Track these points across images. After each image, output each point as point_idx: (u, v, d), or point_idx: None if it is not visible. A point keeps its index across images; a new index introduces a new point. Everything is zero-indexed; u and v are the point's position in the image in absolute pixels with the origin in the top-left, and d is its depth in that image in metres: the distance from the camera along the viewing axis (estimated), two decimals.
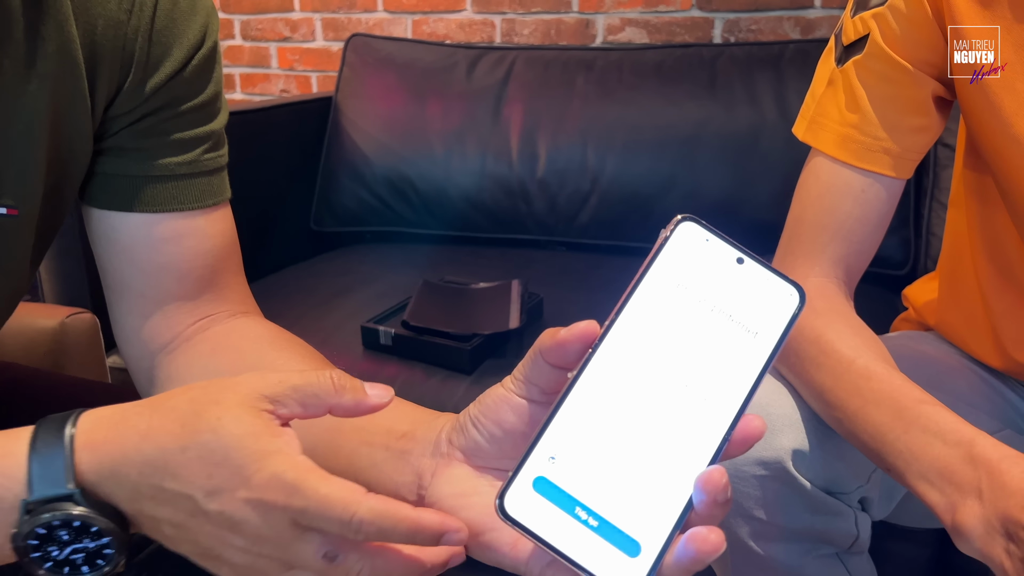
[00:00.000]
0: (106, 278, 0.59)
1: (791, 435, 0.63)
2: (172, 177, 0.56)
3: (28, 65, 0.48)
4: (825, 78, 0.70)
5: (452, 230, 1.50)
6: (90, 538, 0.37)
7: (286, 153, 1.55)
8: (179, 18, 0.55)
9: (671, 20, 1.67)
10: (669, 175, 1.35)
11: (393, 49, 1.60)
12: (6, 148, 0.48)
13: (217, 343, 0.57)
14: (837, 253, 0.68)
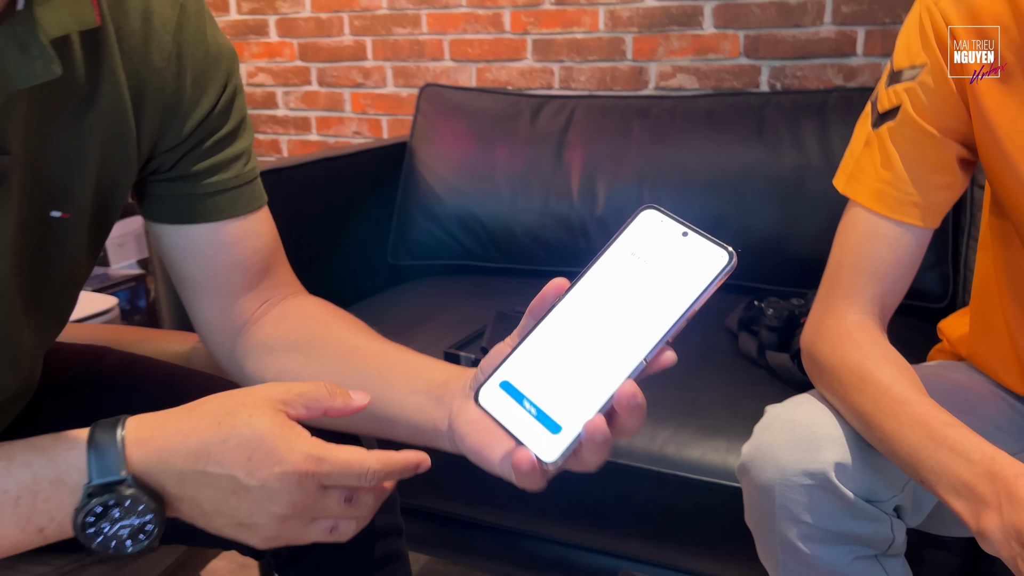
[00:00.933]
0: (184, 283, 0.71)
1: (834, 451, 0.73)
2: (226, 190, 0.68)
3: (87, 103, 0.58)
4: (863, 139, 0.81)
5: (516, 263, 1.62)
6: (137, 516, 0.49)
7: (366, 193, 1.69)
8: (209, 66, 0.65)
9: (720, 67, 1.79)
10: (719, 214, 1.46)
11: (462, 98, 1.74)
12: (63, 167, 0.59)
13: (284, 326, 0.70)
14: (873, 292, 0.79)
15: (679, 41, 1.80)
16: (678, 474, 1.01)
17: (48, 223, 0.60)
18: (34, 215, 0.59)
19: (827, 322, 0.79)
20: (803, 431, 0.75)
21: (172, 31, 0.62)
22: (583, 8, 1.87)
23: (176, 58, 0.63)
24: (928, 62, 0.75)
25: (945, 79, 0.74)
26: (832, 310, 0.80)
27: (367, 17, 2.10)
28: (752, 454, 0.77)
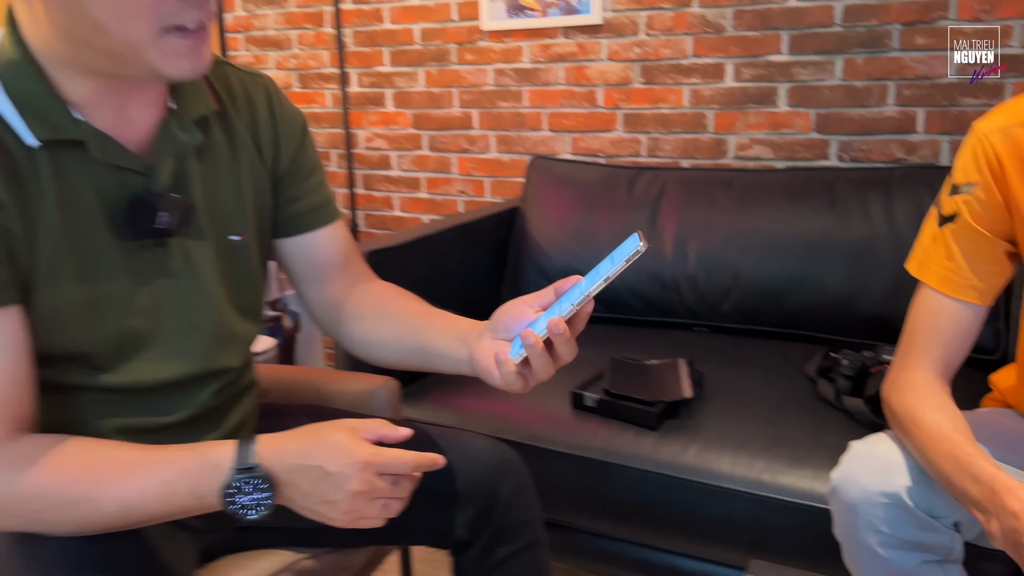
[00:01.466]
0: (296, 279, 1.01)
1: (905, 477, 0.96)
2: (322, 205, 1.00)
3: (232, 157, 0.90)
4: (930, 235, 1.04)
5: (617, 314, 1.87)
6: (259, 492, 0.75)
7: (484, 250, 1.96)
8: (290, 121, 0.96)
9: (793, 140, 2.02)
10: (798, 275, 1.69)
11: (566, 169, 2.01)
12: (230, 203, 0.90)
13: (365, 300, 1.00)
14: (938, 355, 1.01)
15: (756, 117, 2.05)
16: (773, 496, 1.24)
17: (231, 244, 0.91)
18: (221, 239, 0.90)
19: (900, 377, 1.02)
20: (881, 462, 0.98)
21: (266, 104, 0.94)
22: (669, 87, 2.13)
23: (271, 118, 0.94)
24: (980, 181, 0.98)
25: (994, 195, 0.97)
26: (904, 368, 1.03)
27: (475, 92, 2.39)
28: (841, 479, 1.00)
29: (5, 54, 0.74)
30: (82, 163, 0.77)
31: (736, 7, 2.01)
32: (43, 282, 0.76)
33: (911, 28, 1.86)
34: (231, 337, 0.92)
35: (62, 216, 0.76)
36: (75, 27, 0.70)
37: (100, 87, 0.76)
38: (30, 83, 0.73)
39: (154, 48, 0.70)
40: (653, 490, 1.31)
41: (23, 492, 0.71)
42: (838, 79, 1.95)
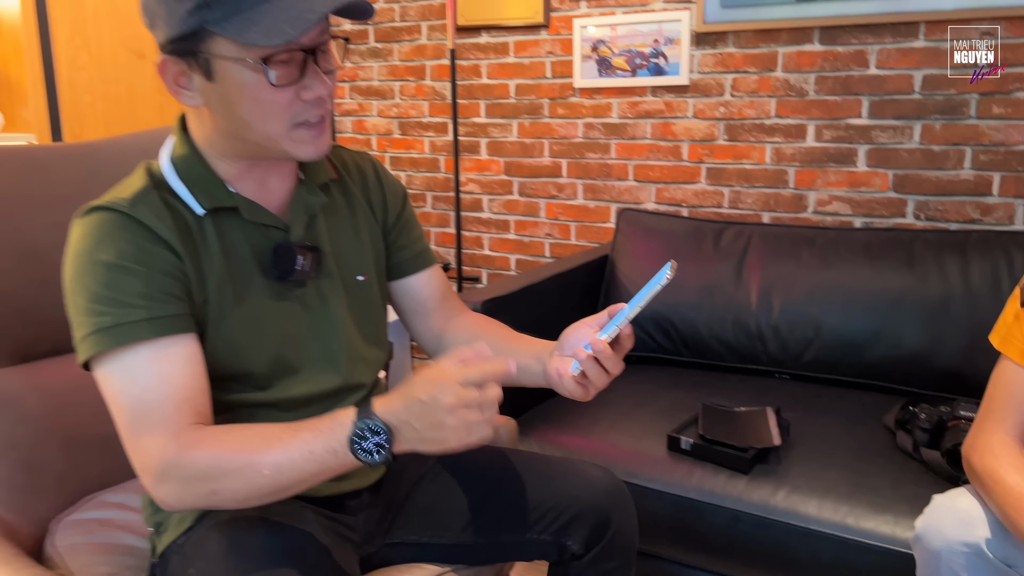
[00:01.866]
0: (405, 315, 1.21)
1: (983, 528, 1.08)
2: (423, 252, 1.21)
3: (351, 214, 1.12)
4: (1013, 312, 1.16)
5: (702, 359, 2.01)
6: (379, 436, 0.86)
7: (577, 295, 2.12)
8: (393, 186, 1.18)
9: (871, 198, 2.14)
10: (876, 329, 1.81)
11: (654, 221, 2.16)
12: (353, 250, 1.11)
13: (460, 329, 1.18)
14: (1015, 422, 1.13)
15: (835, 175, 2.18)
16: (857, 539, 1.36)
17: (357, 283, 1.12)
18: (349, 279, 1.10)
19: (980, 438, 1.15)
20: (962, 514, 1.10)
21: (373, 174, 1.17)
22: (752, 145, 2.27)
23: (379, 184, 1.16)
24: None
25: None
26: (983, 430, 1.15)
27: (564, 143, 2.56)
28: (925, 528, 1.12)
29: (178, 150, 0.99)
30: (237, 224, 1.00)
31: (818, 73, 2.15)
32: (214, 317, 0.97)
33: (988, 98, 1.97)
34: (361, 359, 1.11)
35: (224, 265, 0.98)
36: (230, 125, 0.93)
37: (246, 167, 0.99)
38: (196, 168, 0.97)
39: (287, 139, 0.93)
40: (745, 529, 1.45)
41: (201, 465, 0.87)
42: (916, 143, 2.07)
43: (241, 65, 0.87)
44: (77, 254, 0.91)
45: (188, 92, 0.92)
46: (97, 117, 2.25)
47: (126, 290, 0.89)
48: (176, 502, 0.90)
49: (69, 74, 2.17)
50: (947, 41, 1.99)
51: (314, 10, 0.85)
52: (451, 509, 1.16)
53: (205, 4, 0.85)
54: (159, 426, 0.88)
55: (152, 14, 0.90)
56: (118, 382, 0.89)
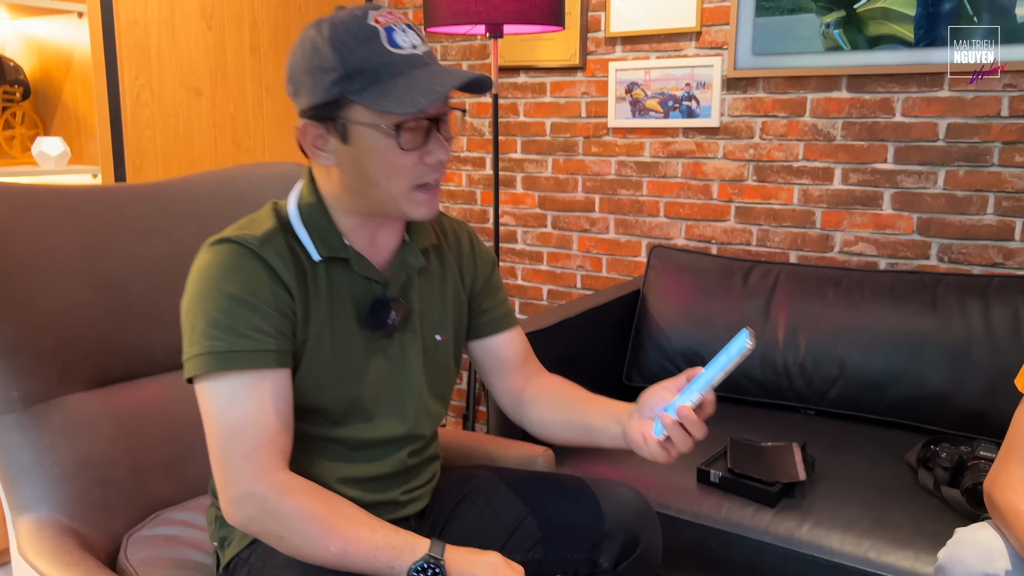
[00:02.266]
0: (486, 372, 1.28)
1: (1004, 561, 1.13)
2: (507, 315, 1.28)
3: (442, 277, 1.20)
4: None
5: (728, 393, 2.08)
6: None
7: (610, 328, 2.20)
8: (485, 254, 1.27)
9: (895, 240, 2.21)
10: (900, 369, 1.87)
11: (685, 259, 2.25)
12: (437, 310, 1.19)
13: (540, 390, 1.25)
14: None
15: (861, 217, 2.25)
16: (878, 573, 1.43)
17: (435, 342, 1.20)
18: (429, 338, 1.19)
19: (1002, 475, 1.20)
20: (983, 547, 1.16)
21: (468, 243, 1.25)
22: (780, 186, 2.35)
23: (472, 254, 1.25)
24: None
25: None
26: (1005, 468, 1.21)
27: (598, 180, 2.66)
28: (947, 559, 1.18)
29: (305, 198, 1.09)
30: (345, 273, 1.09)
31: (845, 119, 2.23)
32: (308, 356, 1.06)
33: (1011, 147, 2.04)
34: (426, 412, 1.20)
35: (328, 310, 1.07)
36: (357, 183, 1.03)
37: (361, 222, 1.08)
38: (319, 218, 1.07)
39: (405, 198, 1.03)
40: (770, 560, 1.51)
41: (283, 511, 0.98)
42: (940, 188, 2.14)
43: (375, 130, 0.98)
44: (204, 279, 1.01)
45: (323, 153, 1.02)
46: (157, 151, 2.39)
47: (242, 321, 0.99)
48: (241, 525, 1.00)
49: (133, 110, 2.31)
50: (971, 92, 2.06)
51: (444, 83, 0.96)
52: (491, 530, 1.24)
53: (347, 76, 0.96)
54: (253, 453, 0.98)
55: (297, 84, 1.00)
56: (219, 402, 0.99)
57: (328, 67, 0.96)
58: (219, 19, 2.52)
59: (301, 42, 1.01)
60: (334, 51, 0.96)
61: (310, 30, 1.00)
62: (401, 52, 0.98)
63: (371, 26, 0.97)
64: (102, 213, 1.44)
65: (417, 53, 0.99)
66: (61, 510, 1.27)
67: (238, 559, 1.13)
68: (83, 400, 1.35)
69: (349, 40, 0.96)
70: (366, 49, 0.96)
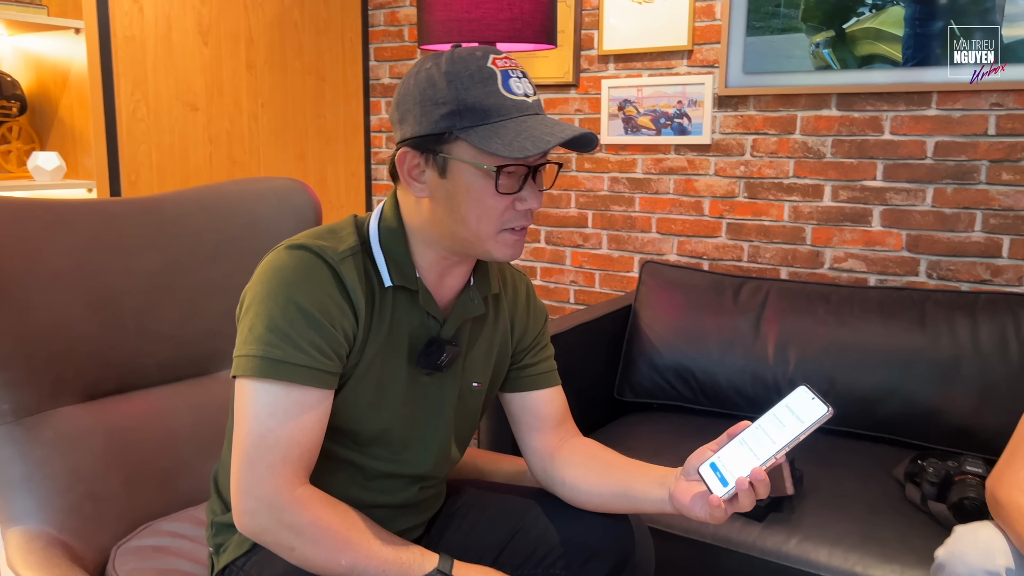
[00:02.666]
0: (519, 427, 1.26)
1: (1005, 558, 1.13)
2: (550, 372, 1.26)
3: (493, 326, 1.19)
4: None
5: (720, 408, 2.09)
6: None
7: (602, 343, 2.22)
8: (537, 310, 1.26)
9: (885, 257, 2.23)
10: (890, 385, 1.89)
11: (676, 275, 2.26)
12: (481, 357, 1.18)
13: (575, 452, 1.22)
14: None
15: (851, 234, 2.27)
16: None
17: (471, 389, 1.19)
18: (466, 384, 1.18)
19: (1007, 474, 1.21)
20: (984, 544, 1.16)
21: (525, 296, 1.24)
22: (771, 202, 2.37)
23: (527, 308, 1.24)
24: None
25: None
26: (1010, 466, 1.21)
27: (591, 196, 2.68)
28: (947, 556, 1.18)
29: (388, 221, 1.08)
30: (409, 304, 1.09)
31: (835, 137, 2.26)
32: (355, 378, 1.06)
33: (998, 165, 2.06)
34: (447, 458, 1.21)
35: (386, 338, 1.07)
36: (447, 218, 1.02)
37: (436, 258, 1.08)
38: (398, 245, 1.07)
39: (492, 239, 1.02)
40: (758, 574, 1.52)
41: (299, 525, 0.98)
42: (928, 205, 2.16)
43: (475, 169, 0.98)
44: (276, 282, 1.00)
45: (417, 184, 1.02)
46: (152, 165, 2.40)
47: (304, 335, 0.98)
48: (253, 533, 1.01)
49: (129, 125, 2.33)
50: (958, 110, 2.09)
51: (553, 135, 0.96)
52: (482, 546, 1.25)
53: (458, 112, 0.96)
54: (280, 467, 0.99)
55: (405, 112, 1.01)
56: (259, 409, 0.99)
57: (441, 100, 0.97)
58: (215, 36, 2.54)
59: (416, 72, 1.01)
60: (449, 85, 0.97)
61: (427, 62, 1.01)
62: (514, 98, 0.98)
63: (489, 68, 0.98)
64: (96, 228, 1.45)
65: (528, 101, 0.99)
66: (51, 523, 1.28)
67: (233, 566, 1.13)
68: (75, 413, 1.36)
69: (466, 78, 0.97)
70: (481, 89, 0.97)
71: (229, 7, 2.57)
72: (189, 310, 1.54)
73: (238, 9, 2.60)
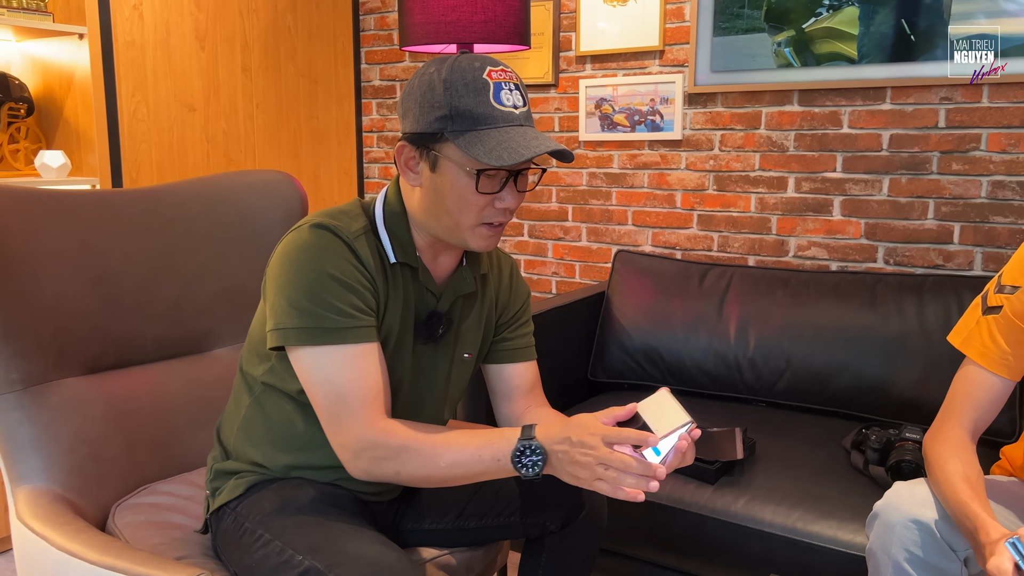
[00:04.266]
0: (495, 396, 1.37)
1: (934, 511, 1.20)
2: (527, 347, 1.38)
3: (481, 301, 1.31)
4: (975, 319, 1.29)
5: (686, 387, 2.21)
6: (535, 456, 1.08)
7: (576, 328, 2.34)
8: (520, 287, 1.38)
9: (845, 244, 2.35)
10: (842, 362, 2.00)
11: (647, 262, 2.38)
12: (470, 329, 1.30)
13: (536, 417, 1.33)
14: (971, 418, 1.27)
15: (813, 223, 2.39)
16: (805, 540, 1.55)
17: (462, 359, 1.32)
18: (458, 355, 1.31)
19: (941, 431, 1.28)
20: (919, 498, 1.23)
21: (509, 275, 1.37)
22: (738, 194, 2.49)
23: (510, 286, 1.37)
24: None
25: None
26: (945, 422, 1.29)
27: (570, 191, 2.80)
28: (884, 506, 1.26)
29: (392, 205, 1.20)
30: (411, 280, 1.22)
31: (797, 131, 2.38)
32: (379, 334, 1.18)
33: (948, 156, 2.18)
34: (437, 418, 1.33)
35: (400, 310, 1.21)
36: (433, 207, 1.14)
37: (430, 240, 1.20)
38: (401, 225, 1.19)
39: (469, 231, 1.14)
40: (708, 532, 1.64)
41: (393, 450, 1.11)
42: (884, 195, 2.28)
43: (459, 169, 1.10)
44: (305, 258, 1.11)
45: (412, 173, 1.14)
46: (152, 163, 2.54)
47: (345, 300, 1.11)
48: (365, 472, 1.13)
49: (130, 125, 2.46)
50: (911, 104, 2.21)
51: (529, 148, 1.07)
52: (449, 499, 1.37)
53: (450, 117, 1.08)
54: (360, 411, 1.11)
55: (407, 109, 1.13)
56: (326, 371, 1.12)
57: (437, 104, 1.08)
58: (212, 40, 2.68)
59: (421, 74, 1.12)
60: (446, 92, 1.08)
61: (431, 66, 1.12)
62: (502, 108, 1.09)
63: (484, 79, 1.09)
64: (97, 214, 1.58)
65: (515, 112, 1.10)
66: (57, 482, 1.40)
67: (226, 507, 1.26)
68: (78, 384, 1.49)
69: (461, 86, 1.08)
70: (473, 98, 1.08)
71: (225, 13, 2.71)
72: (183, 291, 1.67)
73: (233, 15, 2.73)
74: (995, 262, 2.15)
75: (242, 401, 1.30)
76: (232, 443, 1.31)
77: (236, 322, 1.75)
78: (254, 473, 1.27)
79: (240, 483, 1.26)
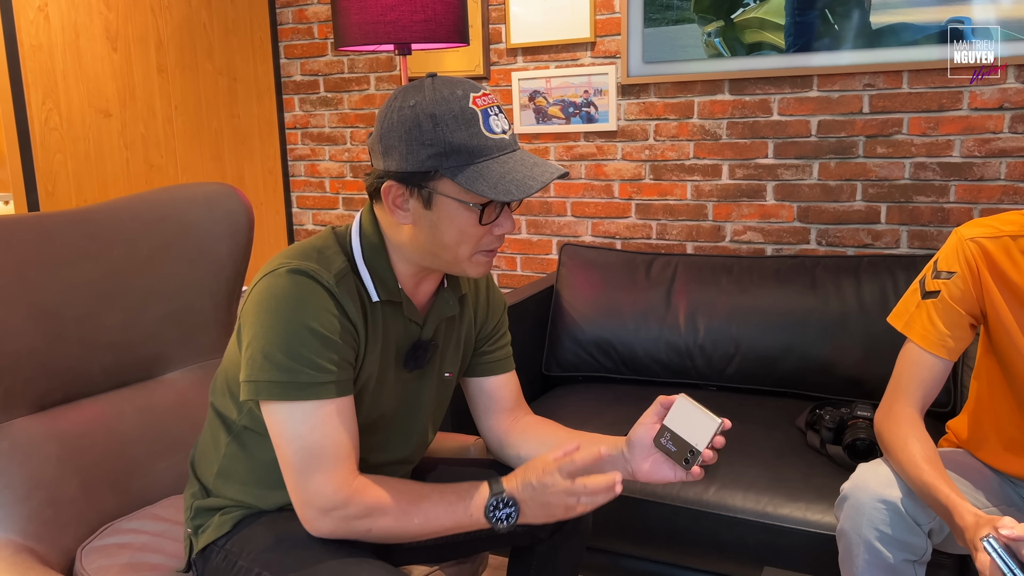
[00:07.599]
0: (477, 409, 1.37)
1: (899, 490, 1.26)
2: (506, 358, 1.38)
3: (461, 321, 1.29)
4: (914, 303, 1.36)
5: (639, 376, 2.25)
6: (509, 508, 1.10)
7: (528, 323, 2.35)
8: (496, 301, 1.36)
9: (779, 228, 2.44)
10: (787, 344, 2.08)
11: (593, 255, 2.41)
12: (451, 350, 1.29)
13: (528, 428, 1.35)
14: (918, 396, 1.33)
15: (748, 208, 2.46)
16: (775, 524, 1.62)
17: (444, 379, 1.31)
18: (440, 375, 1.29)
19: (893, 411, 1.34)
20: (883, 477, 1.30)
21: (485, 289, 1.35)
22: (674, 183, 2.54)
23: (487, 299, 1.35)
24: (959, 272, 1.31)
25: (968, 285, 1.31)
26: (895, 402, 1.35)
27: None
28: (852, 488, 1.31)
29: (370, 238, 1.15)
30: (394, 314, 1.18)
31: (729, 119, 2.44)
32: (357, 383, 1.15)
33: (873, 140, 2.28)
34: (424, 443, 1.32)
35: (381, 348, 1.17)
36: (429, 244, 1.11)
37: (413, 271, 1.17)
38: (380, 261, 1.15)
39: (468, 260, 1.12)
40: (682, 521, 1.69)
41: (364, 511, 1.08)
42: (815, 179, 2.37)
43: (459, 203, 1.06)
44: (282, 308, 1.07)
45: (401, 212, 1.10)
46: (69, 174, 2.39)
47: (322, 355, 1.06)
48: (330, 533, 1.10)
49: (42, 135, 2.31)
50: (836, 91, 2.30)
51: (535, 179, 1.05)
52: None
53: (444, 154, 1.04)
54: (333, 469, 1.07)
55: (389, 147, 1.07)
56: (298, 426, 1.07)
57: (428, 141, 1.04)
58: (124, 40, 2.53)
59: (399, 108, 1.06)
60: (436, 128, 1.03)
61: (408, 98, 1.06)
62: (494, 137, 1.06)
63: (471, 109, 1.05)
64: (32, 242, 1.48)
65: (506, 138, 1.07)
66: (15, 531, 1.32)
67: (214, 546, 1.21)
68: (27, 424, 1.40)
69: (450, 120, 1.04)
70: (465, 132, 1.04)
71: (136, 11, 2.56)
72: (129, 316, 1.58)
73: (145, 13, 2.59)
74: (919, 239, 2.27)
75: (220, 439, 1.25)
76: (212, 482, 1.26)
77: (186, 345, 1.68)
78: (240, 508, 1.22)
79: (226, 519, 1.21)
